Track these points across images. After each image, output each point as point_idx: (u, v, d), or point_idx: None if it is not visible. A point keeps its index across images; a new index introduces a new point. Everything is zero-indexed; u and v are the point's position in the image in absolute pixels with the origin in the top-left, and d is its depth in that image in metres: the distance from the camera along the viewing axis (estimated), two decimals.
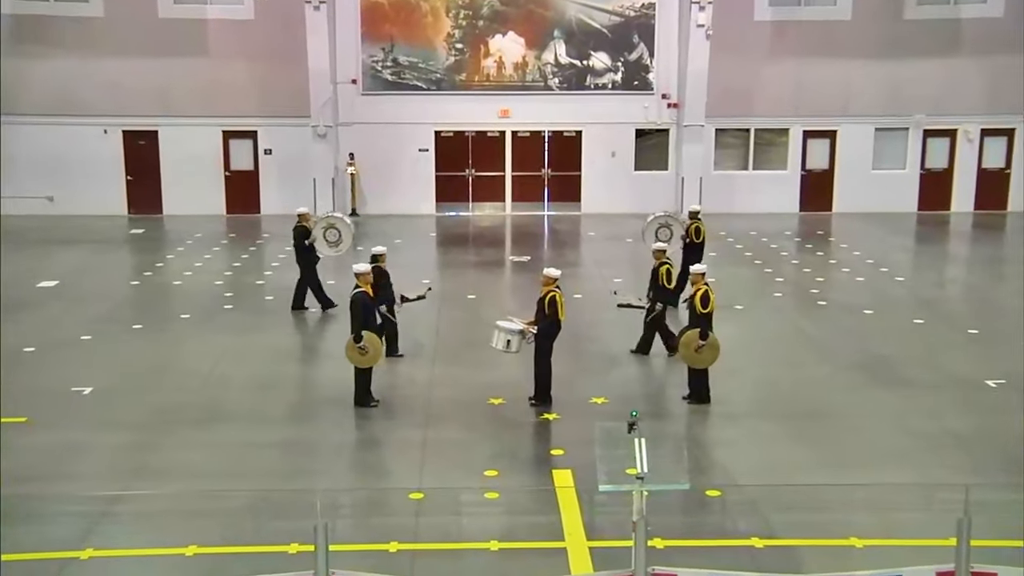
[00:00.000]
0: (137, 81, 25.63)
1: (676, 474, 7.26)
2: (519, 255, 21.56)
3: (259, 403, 12.45)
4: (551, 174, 26.87)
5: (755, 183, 26.77)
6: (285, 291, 18.22)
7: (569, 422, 11.80)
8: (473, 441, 11.23)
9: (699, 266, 12.19)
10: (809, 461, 10.72)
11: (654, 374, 13.50)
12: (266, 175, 26.37)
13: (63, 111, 25.54)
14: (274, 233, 24.18)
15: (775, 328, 15.89)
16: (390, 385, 12.91)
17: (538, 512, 9.55)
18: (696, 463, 10.50)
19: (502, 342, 12.22)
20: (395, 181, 26.35)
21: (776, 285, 18.74)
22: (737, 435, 11.48)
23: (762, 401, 12.60)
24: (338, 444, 11.24)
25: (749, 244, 22.60)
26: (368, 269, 12.09)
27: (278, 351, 14.59)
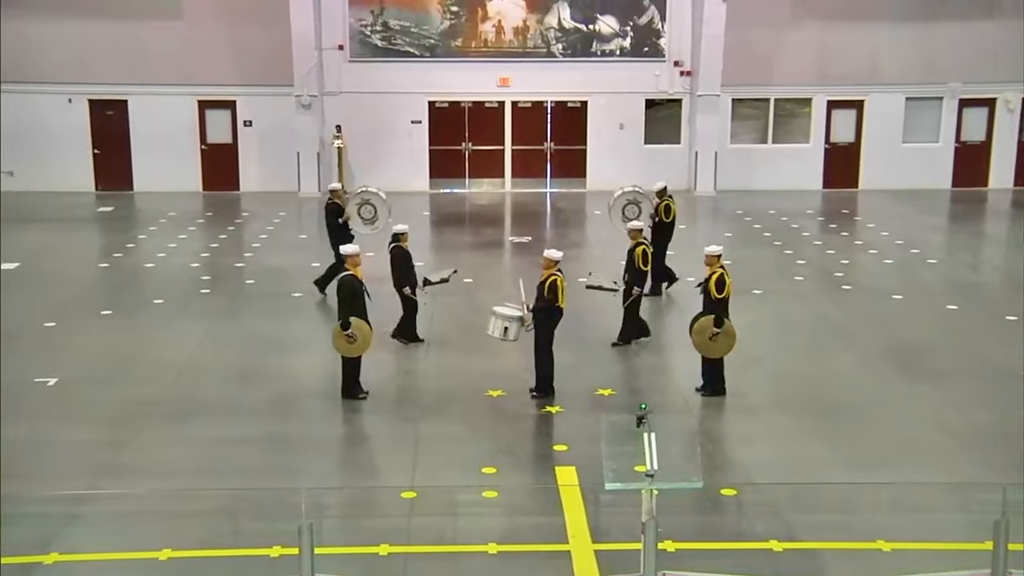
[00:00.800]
0: (105, 45, 25.56)
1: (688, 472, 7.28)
2: (519, 236, 21.54)
3: (239, 395, 12.45)
4: (554, 148, 26.84)
5: (775, 158, 26.74)
6: (267, 274, 18.23)
7: (573, 415, 11.81)
8: (470, 436, 11.24)
9: (715, 247, 12.17)
10: (832, 458, 10.74)
11: (665, 364, 13.51)
12: (245, 149, 26.34)
13: (23, 78, 25.46)
14: (254, 212, 24.18)
15: (796, 314, 15.89)
16: (380, 376, 12.91)
17: (540, 512, 9.57)
18: (710, 460, 10.52)
19: (499, 329, 12.22)
20: (385, 156, 26.31)
21: (797, 268, 18.74)
22: (754, 430, 11.49)
23: (782, 393, 12.61)
24: (324, 439, 11.25)
25: (768, 223, 22.59)
26: (356, 251, 12.10)
27: (260, 339, 14.59)
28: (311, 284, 16.65)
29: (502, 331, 12.22)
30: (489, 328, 12.34)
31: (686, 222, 23.45)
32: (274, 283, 17.63)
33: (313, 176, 25.67)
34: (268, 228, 22.19)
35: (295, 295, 16.84)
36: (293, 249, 20.27)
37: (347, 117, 26.01)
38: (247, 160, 26.38)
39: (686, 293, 15.52)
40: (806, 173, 26.85)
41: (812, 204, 25.17)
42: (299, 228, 23.26)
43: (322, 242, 21.41)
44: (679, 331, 13.40)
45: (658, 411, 8.74)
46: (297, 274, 18.15)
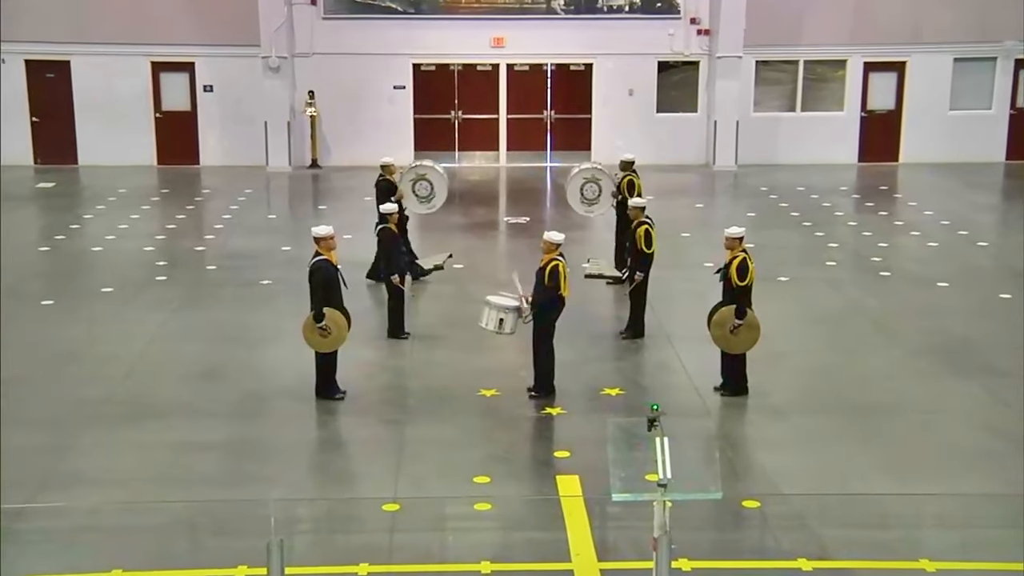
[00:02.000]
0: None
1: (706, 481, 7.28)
2: (515, 216, 21.53)
3: (199, 395, 12.45)
4: (555, 117, 26.81)
5: (804, 127, 26.74)
6: (231, 259, 18.22)
7: (576, 418, 11.83)
8: (461, 441, 11.24)
9: (736, 228, 12.16)
10: (869, 465, 10.75)
11: (679, 360, 13.53)
12: (206, 117, 26.30)
13: None
14: (217, 188, 24.15)
15: (828, 304, 15.90)
16: (359, 373, 12.91)
17: (539, 527, 9.57)
18: (730, 467, 10.53)
19: (494, 321, 12.22)
20: (364, 126, 26.27)
21: (829, 252, 18.75)
22: (781, 434, 11.50)
23: (812, 393, 12.62)
24: (296, 444, 11.25)
25: (796, 202, 22.60)
26: (329, 232, 12.07)
27: (223, 332, 14.59)
28: (363, 278, 16.18)
29: (497, 323, 12.21)
30: (482, 320, 12.34)
31: (704, 200, 23.48)
32: (239, 269, 17.61)
33: (283, 148, 25.62)
34: (232, 207, 22.16)
35: (263, 282, 16.83)
36: (261, 230, 20.25)
37: (321, 82, 25.97)
38: (208, 130, 26.34)
39: (704, 281, 15.51)
40: (839, 145, 26.84)
41: (846, 180, 25.18)
42: (267, 207, 23.23)
43: (293, 223, 21.41)
44: (696, 323, 13.38)
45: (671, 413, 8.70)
46: (265, 258, 18.15)
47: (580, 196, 17.51)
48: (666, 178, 24.88)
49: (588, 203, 17.54)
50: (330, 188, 24.56)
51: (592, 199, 17.38)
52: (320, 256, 11.98)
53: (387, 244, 14.00)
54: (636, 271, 14.06)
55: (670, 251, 17.32)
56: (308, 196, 24.31)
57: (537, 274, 12.22)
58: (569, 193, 17.67)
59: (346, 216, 20.53)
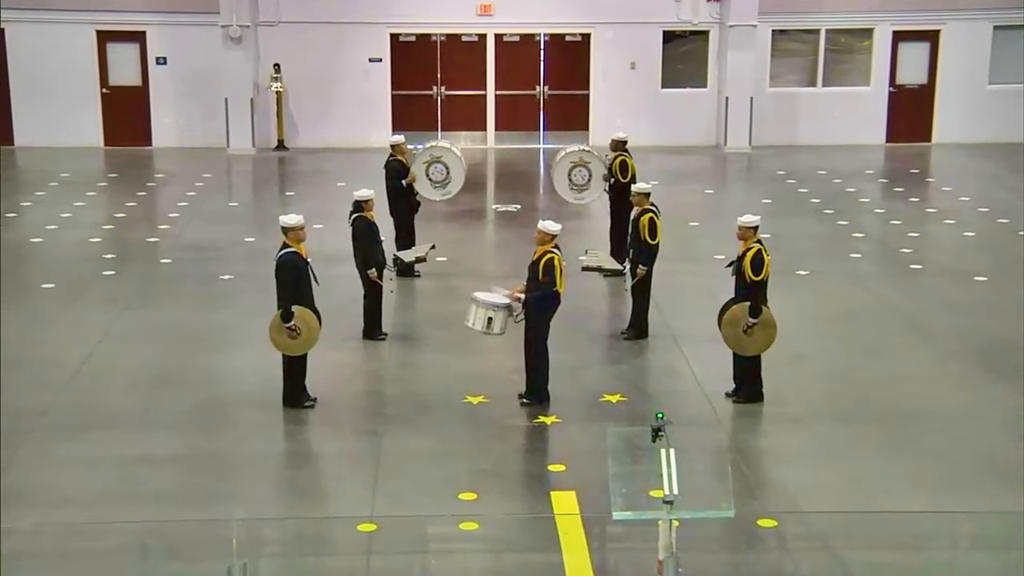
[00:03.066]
0: None
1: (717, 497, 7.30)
2: (505, 203, 21.52)
3: (152, 403, 12.44)
4: (549, 94, 26.81)
5: (826, 104, 26.76)
6: (188, 251, 18.19)
7: (573, 427, 11.84)
8: (444, 453, 11.25)
9: (750, 217, 12.17)
10: (899, 480, 10.78)
11: (687, 363, 13.55)
12: (159, 93, 26.23)
13: None
14: (171, 173, 24.11)
15: (852, 301, 15.94)
16: (332, 379, 12.91)
17: (532, 548, 9.58)
18: (744, 482, 10.55)
19: (481, 320, 12.23)
20: (336, 103, 26.24)
21: (854, 243, 18.78)
22: (800, 445, 11.53)
23: (834, 399, 12.66)
24: (261, 457, 11.25)
25: (817, 187, 22.63)
26: (299, 222, 12.05)
27: (179, 333, 14.57)
28: (391, 268, 16.06)
29: (485, 322, 12.22)
30: (469, 319, 12.35)
31: (714, 185, 23.50)
32: (197, 263, 17.59)
33: (245, 128, 25.57)
34: (189, 194, 22.12)
35: (224, 277, 16.80)
36: (221, 220, 20.23)
37: (288, 54, 25.91)
38: (161, 108, 26.26)
39: (715, 275, 15.53)
40: (865, 123, 26.86)
41: (873, 162, 25.21)
42: (229, 193, 23.20)
43: (257, 211, 21.35)
44: (705, 322, 13.41)
45: (678, 421, 8.72)
46: (227, 251, 18.13)
47: (568, 182, 17.55)
48: (672, 161, 24.89)
49: (578, 189, 17.59)
50: (298, 172, 24.52)
51: (582, 185, 17.41)
52: (288, 248, 11.96)
53: (362, 235, 13.99)
54: (639, 264, 14.07)
55: (677, 242, 17.35)
56: (274, 181, 24.27)
57: (530, 268, 12.23)
58: (556, 179, 17.71)
59: (316, 203, 20.51)
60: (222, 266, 17.28)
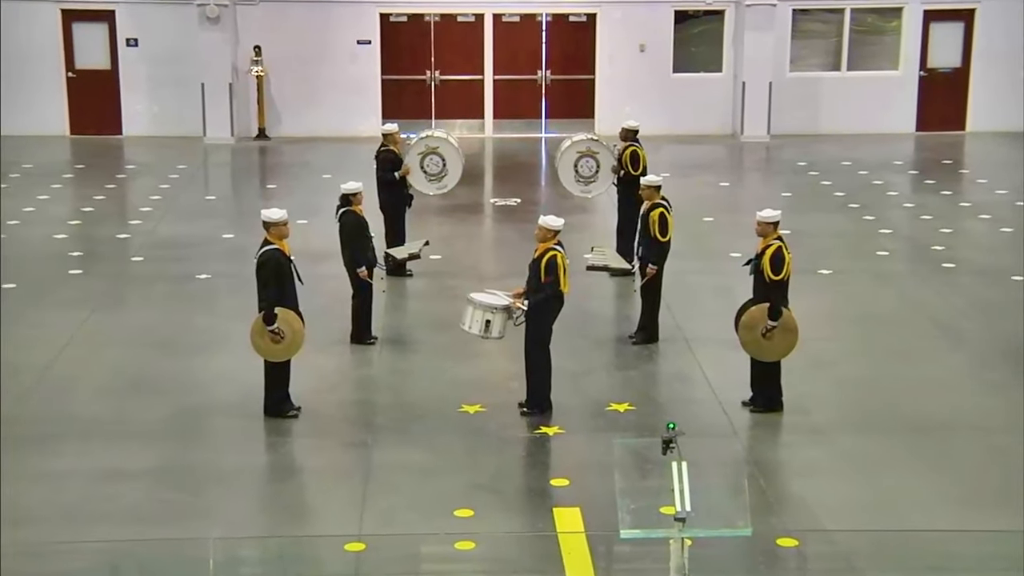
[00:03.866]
0: None
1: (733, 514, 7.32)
2: (504, 197, 21.52)
3: (123, 413, 12.44)
4: (551, 79, 26.81)
5: (851, 90, 26.75)
6: (161, 248, 18.19)
7: (576, 438, 11.85)
8: (438, 466, 11.26)
9: (770, 212, 12.18)
10: (930, 495, 10.78)
11: (700, 369, 13.55)
12: (130, 78, 26.20)
13: None
14: (144, 164, 24.10)
15: (879, 302, 15.94)
16: (318, 386, 12.92)
17: (533, 569, 9.58)
18: (762, 498, 10.56)
19: (479, 323, 12.23)
20: (322, 89, 26.24)
21: (881, 239, 18.79)
22: (823, 457, 11.54)
23: (860, 408, 12.66)
24: (241, 471, 11.25)
25: (842, 179, 22.63)
26: (282, 217, 12.05)
27: (152, 336, 14.57)
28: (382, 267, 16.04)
29: (483, 325, 12.22)
30: (465, 321, 12.35)
31: (730, 178, 23.51)
32: (172, 261, 17.59)
33: (223, 115, 25.55)
34: (163, 186, 22.12)
35: (201, 277, 16.81)
36: (197, 214, 20.23)
37: (269, 35, 25.90)
38: (132, 93, 26.24)
39: (731, 274, 15.54)
40: (893, 110, 26.85)
41: (902, 152, 25.22)
42: (205, 185, 23.20)
43: (236, 205, 21.35)
44: (720, 325, 13.42)
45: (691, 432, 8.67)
46: (204, 248, 18.12)
47: (574, 174, 17.52)
48: (684, 151, 24.90)
49: (584, 181, 17.57)
50: (280, 163, 24.52)
51: (589, 177, 17.39)
52: (270, 245, 11.96)
53: (351, 231, 13.99)
54: (649, 263, 14.07)
55: (690, 238, 17.34)
56: (254, 173, 24.28)
57: (531, 267, 12.23)
58: (561, 170, 17.68)
59: (300, 197, 20.51)
60: (198, 265, 17.27)
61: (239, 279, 15.63)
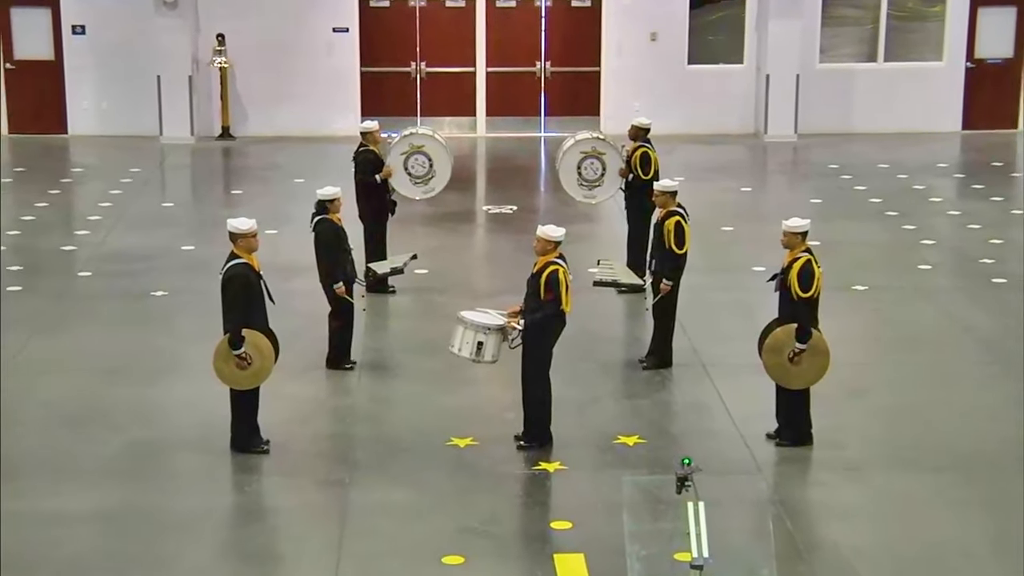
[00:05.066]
0: None
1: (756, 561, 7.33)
2: (498, 204, 21.53)
3: (68, 448, 12.42)
4: (551, 71, 26.84)
5: (889, 84, 26.79)
6: (112, 262, 18.17)
7: (580, 476, 11.84)
8: (424, 507, 11.25)
9: (798, 221, 12.19)
10: (980, 542, 10.77)
11: (719, 397, 13.56)
12: (76, 70, 26.21)
13: None
14: (92, 166, 24.10)
15: (921, 322, 15.96)
16: (289, 417, 12.91)
17: None
18: (790, 543, 10.56)
19: (470, 345, 12.22)
20: (293, 82, 26.25)
21: (923, 251, 18.80)
22: (858, 498, 11.54)
23: (900, 442, 12.66)
24: (202, 514, 11.23)
25: (878, 184, 22.65)
26: (251, 227, 12.04)
27: (101, 362, 14.55)
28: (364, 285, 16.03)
29: (474, 348, 12.22)
30: (454, 344, 12.35)
31: (752, 182, 23.54)
32: (124, 276, 17.59)
33: (182, 113, 25.56)
34: (113, 192, 22.11)
35: (157, 294, 16.80)
36: (153, 224, 20.23)
37: (234, 23, 25.93)
38: (79, 87, 26.25)
39: (755, 290, 15.56)
40: (937, 106, 26.88)
41: (946, 154, 25.25)
42: (162, 191, 23.20)
43: (197, 213, 21.36)
44: (742, 348, 13.44)
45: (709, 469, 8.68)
46: (160, 261, 18.11)
47: (577, 177, 17.53)
48: (701, 153, 24.94)
49: (588, 186, 17.58)
50: (247, 166, 24.54)
51: (593, 180, 17.40)
52: (238, 259, 11.96)
53: (328, 242, 13.96)
54: (663, 278, 14.07)
55: (707, 251, 17.37)
56: (217, 177, 24.30)
57: (529, 282, 12.24)
58: (563, 173, 17.70)
59: (269, 204, 20.52)
60: (154, 280, 17.26)
61: (200, 296, 15.64)
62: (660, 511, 7.26)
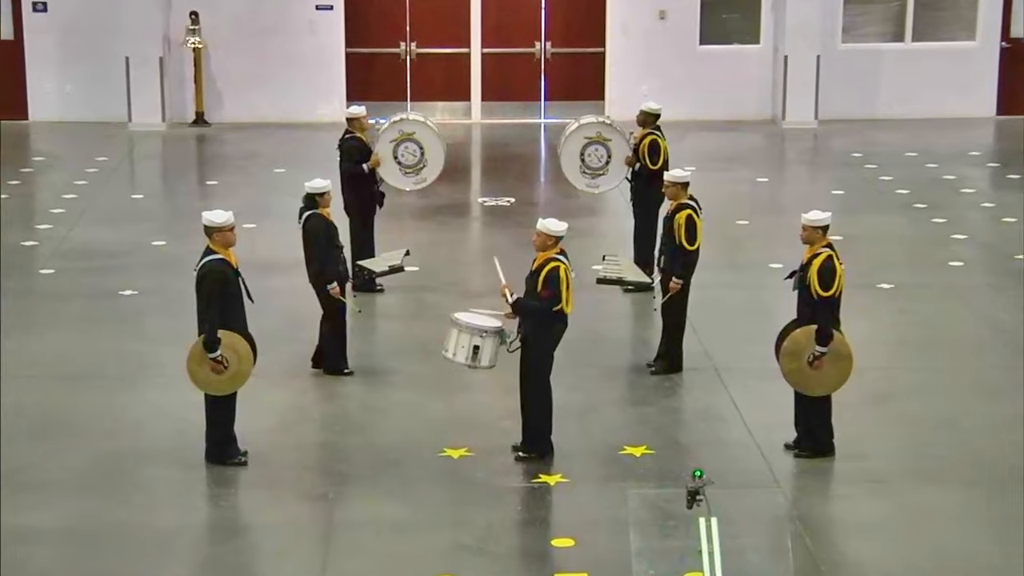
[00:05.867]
0: None
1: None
2: (495, 196, 21.54)
3: (31, 460, 12.41)
4: (552, 52, 26.85)
5: (916, 65, 26.78)
6: (76, 258, 18.15)
7: (583, 489, 11.86)
8: (414, 523, 11.26)
9: (817, 214, 12.21)
10: (1017, 562, 10.74)
11: (733, 404, 13.59)
12: (38, 50, 26.21)
13: None
14: (55, 155, 24.08)
15: (952, 323, 15.99)
16: (270, 426, 12.94)
17: None
18: (810, 561, 10.57)
19: (465, 349, 12.21)
20: (273, 64, 26.24)
21: (953, 247, 18.82)
22: (883, 513, 11.55)
23: (929, 453, 12.68)
24: (175, 530, 11.23)
25: (905, 174, 22.66)
26: (228, 220, 12.05)
27: (65, 366, 14.56)
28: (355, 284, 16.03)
29: (470, 352, 12.20)
30: (448, 348, 12.33)
31: (769, 172, 23.56)
32: (90, 274, 17.61)
33: (153, 97, 25.53)
34: (79, 182, 22.10)
35: (125, 293, 16.81)
36: (122, 217, 20.23)
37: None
38: (41, 69, 26.23)
39: (772, 289, 15.59)
40: (969, 89, 26.87)
41: (979, 141, 25.25)
42: (131, 182, 23.20)
43: (170, 206, 21.37)
44: (758, 351, 13.46)
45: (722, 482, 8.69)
46: (129, 258, 18.12)
47: (580, 164, 17.49)
48: (714, 140, 24.95)
49: (592, 174, 17.54)
50: (223, 155, 24.54)
51: (597, 168, 17.36)
52: (213, 254, 11.97)
53: (318, 238, 13.93)
54: (673, 275, 14.08)
55: (721, 246, 17.37)
56: (191, 166, 24.30)
57: (528, 280, 12.25)
58: (564, 159, 17.67)
59: (247, 196, 20.52)
60: (123, 278, 17.27)
61: (173, 296, 15.66)
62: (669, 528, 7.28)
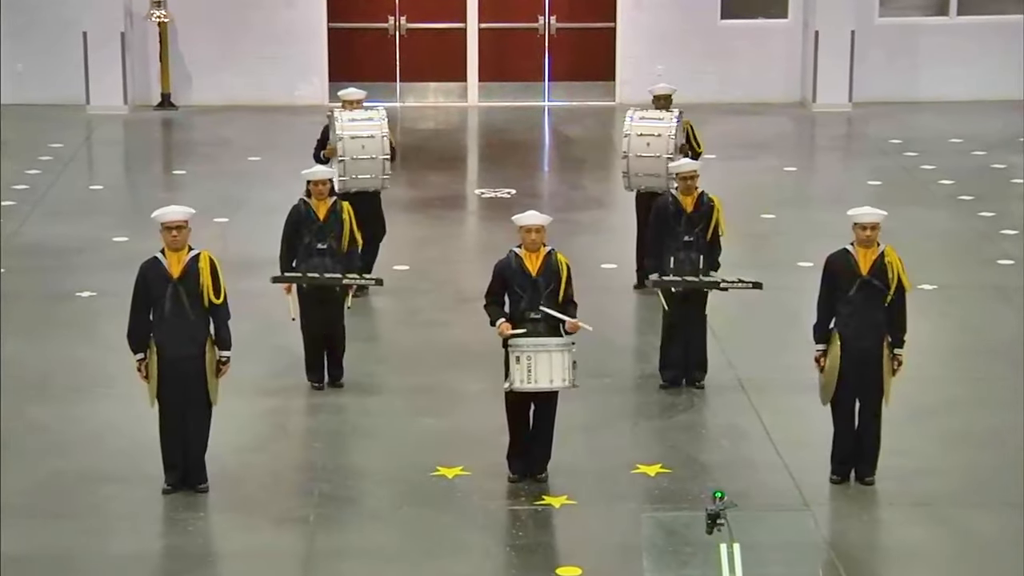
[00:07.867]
0: None
1: None
2: (494, 187, 21.54)
3: None
4: (557, 27, 26.86)
5: (961, 42, 26.81)
6: (27, 256, 18.16)
7: (591, 512, 11.87)
8: (403, 550, 11.27)
9: (869, 210, 12.22)
10: None
11: (759, 418, 13.56)
12: None
13: None
14: (4, 142, 24.08)
15: (1001, 328, 15.99)
16: (241, 443, 12.93)
17: None
18: None
19: (562, 369, 11.93)
20: (246, 41, 26.27)
21: (1003, 243, 18.81)
22: (926, 538, 11.55)
23: (977, 473, 12.65)
24: (134, 559, 11.22)
25: (949, 162, 22.67)
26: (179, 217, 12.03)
27: (14, 377, 14.50)
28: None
29: (569, 371, 11.91)
30: (538, 378, 11.99)
31: (798, 160, 23.55)
32: (42, 273, 17.63)
33: (114, 77, 25.56)
34: (32, 172, 22.12)
35: (82, 294, 16.80)
36: (78, 211, 20.27)
37: None
38: None
39: (800, 290, 15.55)
40: (1020, 69, 26.89)
41: None
42: (89, 171, 23.21)
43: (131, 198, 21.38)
44: (787, 360, 13.42)
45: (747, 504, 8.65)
46: (86, 256, 18.12)
47: None
48: (738, 125, 24.94)
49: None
50: (191, 141, 24.56)
51: None
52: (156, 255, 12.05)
53: (285, 226, 13.96)
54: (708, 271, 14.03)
55: (744, 243, 17.33)
56: (156, 154, 24.34)
57: (539, 283, 12.45)
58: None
59: (217, 187, 20.51)
60: (79, 278, 17.28)
61: None
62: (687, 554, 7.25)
